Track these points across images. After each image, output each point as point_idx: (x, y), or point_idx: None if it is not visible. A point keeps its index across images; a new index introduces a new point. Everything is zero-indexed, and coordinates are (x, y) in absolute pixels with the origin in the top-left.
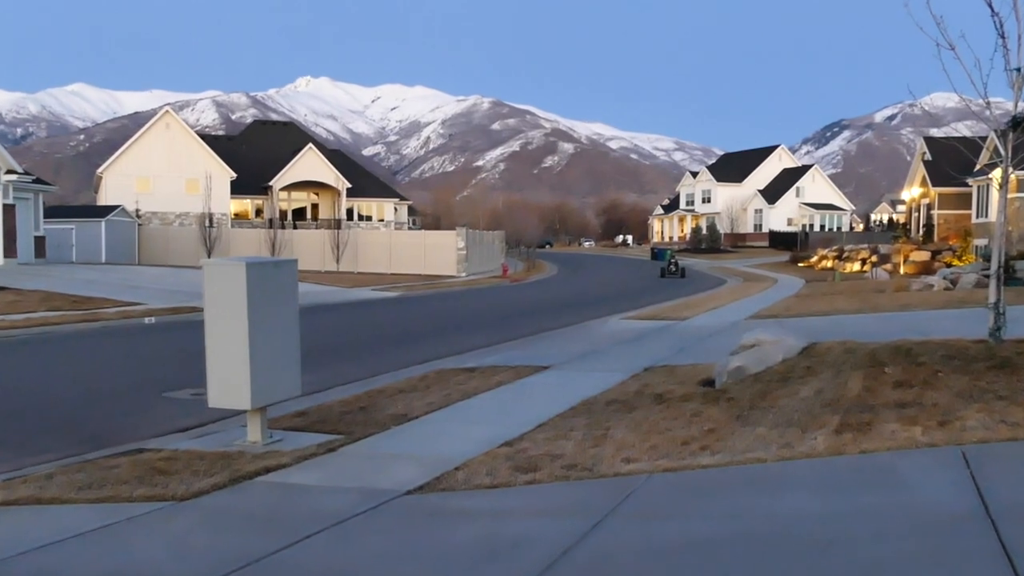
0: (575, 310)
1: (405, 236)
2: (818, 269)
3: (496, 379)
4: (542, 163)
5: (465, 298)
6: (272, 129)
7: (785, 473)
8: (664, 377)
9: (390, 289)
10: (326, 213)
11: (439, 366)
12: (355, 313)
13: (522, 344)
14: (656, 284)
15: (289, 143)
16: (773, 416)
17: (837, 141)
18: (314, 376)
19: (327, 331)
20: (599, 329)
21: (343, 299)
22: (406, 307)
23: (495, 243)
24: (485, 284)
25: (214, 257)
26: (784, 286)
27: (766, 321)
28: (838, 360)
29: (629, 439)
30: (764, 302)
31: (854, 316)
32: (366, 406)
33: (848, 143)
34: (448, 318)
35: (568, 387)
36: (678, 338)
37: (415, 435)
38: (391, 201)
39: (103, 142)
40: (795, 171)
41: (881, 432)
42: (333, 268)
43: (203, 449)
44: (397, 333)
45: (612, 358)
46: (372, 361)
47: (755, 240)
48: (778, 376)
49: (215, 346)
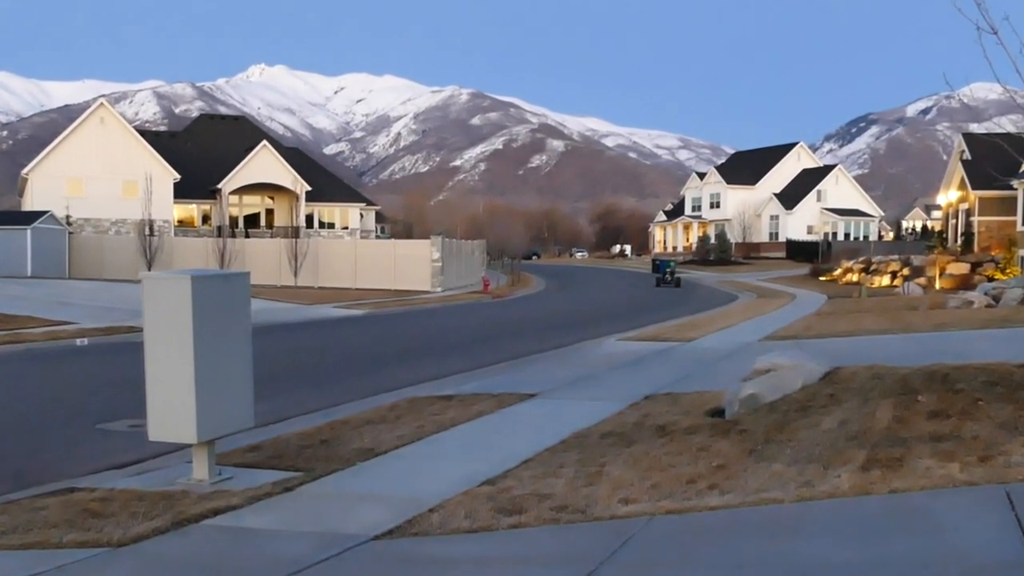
0: (566, 330)
1: (372, 246)
2: (842, 283)
3: (476, 408)
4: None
5: (441, 316)
6: (221, 124)
7: (805, 516)
8: (667, 406)
9: (355, 306)
10: (282, 220)
11: (411, 394)
12: (316, 333)
13: (506, 369)
14: (657, 301)
15: (240, 140)
16: (791, 451)
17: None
18: (269, 405)
19: (284, 354)
20: (593, 352)
21: (302, 317)
22: (374, 327)
23: (475, 254)
24: (464, 300)
25: (155, 270)
26: (803, 303)
27: (783, 343)
28: (865, 387)
29: (627, 477)
30: (781, 321)
31: (883, 337)
32: (328, 439)
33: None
34: (422, 339)
35: (558, 418)
36: (683, 362)
37: (384, 472)
38: (356, 206)
39: (29, 139)
40: (816, 172)
41: (914, 469)
42: (290, 282)
43: (142, 488)
44: (364, 356)
45: (608, 385)
46: (335, 388)
47: (770, 250)
48: (797, 405)
49: (156, 371)
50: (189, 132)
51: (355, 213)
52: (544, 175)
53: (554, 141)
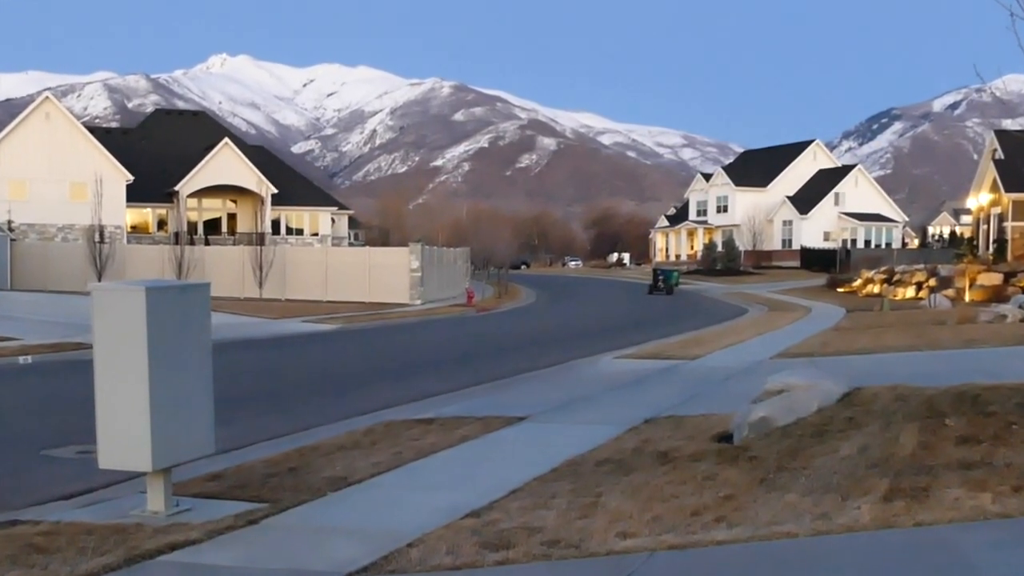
0: (558, 347)
1: (345, 255)
2: (862, 295)
3: (459, 433)
4: (516, 162)
5: (421, 332)
6: (179, 120)
7: (821, 551)
8: (669, 431)
9: (326, 321)
10: (246, 225)
11: (388, 417)
12: (283, 351)
13: (492, 390)
14: (659, 314)
15: (200, 138)
16: (806, 480)
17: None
18: (232, 430)
19: (248, 373)
20: (588, 371)
21: (268, 333)
22: (347, 343)
23: (458, 263)
24: (445, 314)
25: (106, 281)
26: (820, 316)
27: (797, 361)
28: (887, 409)
29: (625, 508)
30: (794, 337)
31: (907, 354)
32: (297, 467)
33: (900, 138)
34: (399, 357)
35: (549, 443)
36: (687, 382)
37: (358, 503)
38: (327, 210)
39: None
40: (833, 173)
41: (941, 500)
42: (255, 294)
43: (92, 521)
44: (336, 376)
45: (604, 407)
46: (304, 411)
47: (783, 259)
48: (812, 429)
49: (107, 392)
50: (143, 129)
51: (326, 218)
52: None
53: (545, 139)
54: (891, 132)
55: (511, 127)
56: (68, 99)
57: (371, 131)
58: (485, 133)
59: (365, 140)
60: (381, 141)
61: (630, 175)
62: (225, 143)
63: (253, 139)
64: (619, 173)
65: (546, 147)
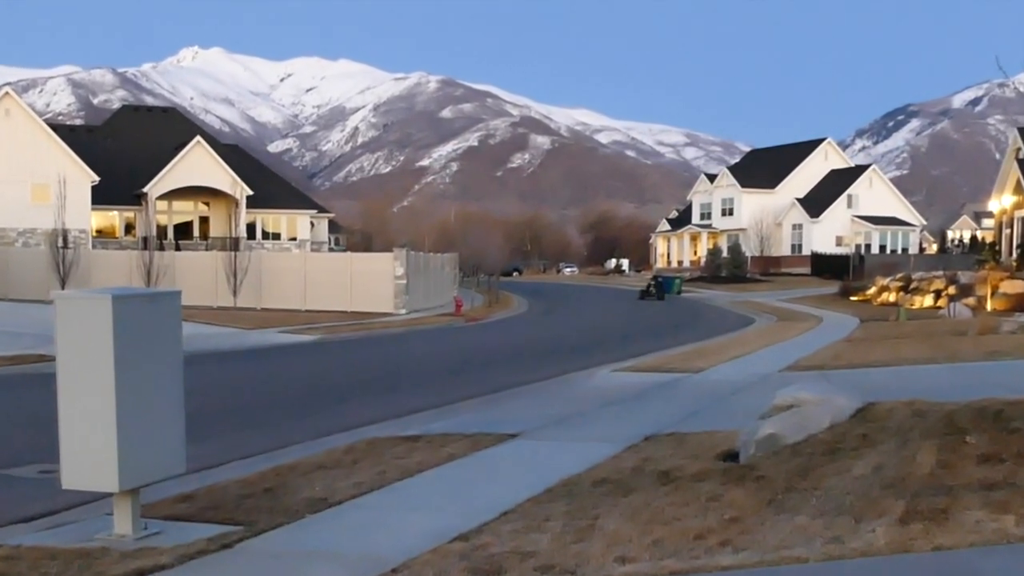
0: (552, 359)
1: (325, 261)
2: (877, 304)
3: (447, 451)
4: (508, 162)
5: (406, 343)
6: (147, 117)
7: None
8: (671, 449)
9: (305, 331)
10: (220, 229)
11: (371, 434)
12: (259, 363)
13: (482, 405)
14: (660, 324)
15: (170, 136)
16: (817, 501)
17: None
18: (204, 447)
19: (222, 388)
20: (584, 385)
21: (243, 345)
22: (327, 355)
23: (445, 270)
24: (432, 324)
25: (69, 288)
26: (832, 327)
27: (808, 374)
28: (904, 426)
29: (624, 531)
30: (805, 348)
31: (925, 367)
32: (273, 487)
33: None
34: (383, 370)
35: (543, 462)
36: (690, 397)
37: (339, 526)
38: (306, 213)
39: None
40: (846, 173)
41: (961, 522)
42: (229, 303)
43: (55, 545)
44: (315, 390)
45: (602, 423)
46: (281, 427)
47: (793, 265)
48: (824, 447)
49: (71, 408)
50: (110, 126)
51: (305, 222)
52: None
53: (538, 137)
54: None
55: (502, 124)
56: (29, 94)
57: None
58: (474, 131)
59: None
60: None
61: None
62: (197, 142)
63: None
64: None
65: (539, 146)
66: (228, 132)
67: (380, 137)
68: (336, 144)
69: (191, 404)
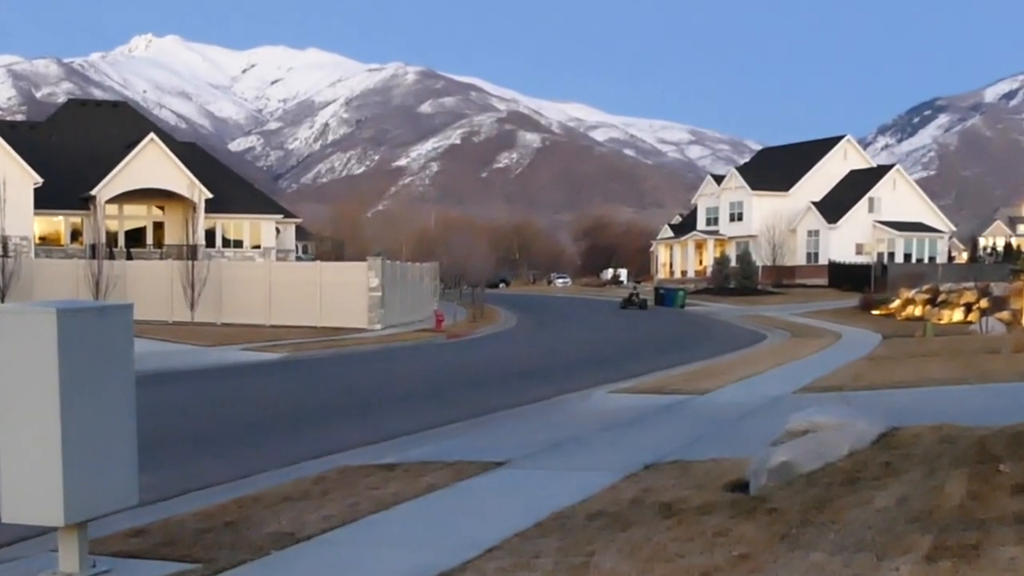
0: (543, 379)
1: (292, 271)
2: (901, 318)
3: (426, 481)
4: (494, 162)
5: (381, 361)
6: (96, 112)
7: None
8: (674, 478)
9: (270, 348)
10: (175, 236)
11: (343, 461)
12: (219, 384)
13: (465, 430)
14: (662, 341)
15: (121, 133)
16: (835, 536)
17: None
18: (159, 477)
19: (178, 411)
20: (578, 408)
21: (201, 363)
22: (294, 375)
23: (424, 281)
24: (410, 341)
25: (10, 302)
26: (851, 344)
27: (825, 396)
28: (931, 453)
29: (622, 570)
30: (822, 367)
31: (954, 388)
32: (235, 520)
33: (945, 133)
34: (356, 391)
35: (532, 493)
36: (694, 421)
37: (307, 563)
38: (271, 218)
39: None
40: (867, 174)
41: (994, 559)
42: (186, 317)
43: None
44: (281, 413)
45: (598, 450)
46: (244, 454)
47: (808, 275)
48: (843, 477)
49: (11, 433)
50: (54, 123)
51: (269, 228)
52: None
53: (527, 134)
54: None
55: (487, 120)
56: None
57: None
58: (457, 127)
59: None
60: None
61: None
62: (150, 139)
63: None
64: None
65: (529, 144)
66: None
67: (353, 134)
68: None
69: (145, 429)
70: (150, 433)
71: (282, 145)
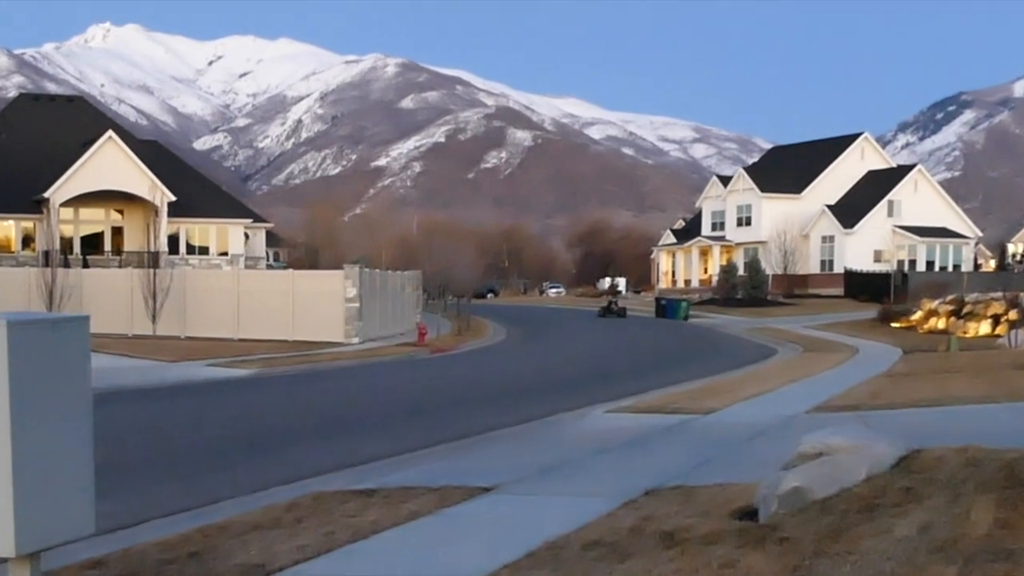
0: (535, 397)
1: (263, 280)
2: (923, 332)
3: (408, 508)
4: (481, 162)
5: (359, 378)
6: (49, 108)
7: None
8: (676, 505)
9: (239, 364)
10: (136, 242)
11: (317, 487)
12: (183, 403)
13: (450, 452)
14: (665, 356)
15: (77, 130)
16: (852, 568)
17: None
18: (118, 503)
19: (139, 432)
20: (573, 428)
21: (164, 380)
22: (265, 393)
23: (406, 290)
24: (391, 356)
25: None
26: (869, 359)
27: (840, 415)
28: (955, 478)
29: None
30: (837, 385)
31: (981, 407)
32: (200, 551)
33: (971, 130)
34: (332, 410)
35: (523, 521)
36: (699, 442)
37: None
38: (239, 223)
39: None
40: (887, 175)
41: None
42: (147, 330)
43: None
44: (250, 434)
45: (594, 475)
46: (210, 479)
47: (822, 285)
48: (860, 504)
49: None
50: (4, 119)
51: (238, 233)
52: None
53: (517, 131)
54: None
55: (474, 117)
56: None
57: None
58: (441, 124)
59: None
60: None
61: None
62: (109, 137)
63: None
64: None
65: (519, 142)
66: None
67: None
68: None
69: (102, 452)
70: (108, 456)
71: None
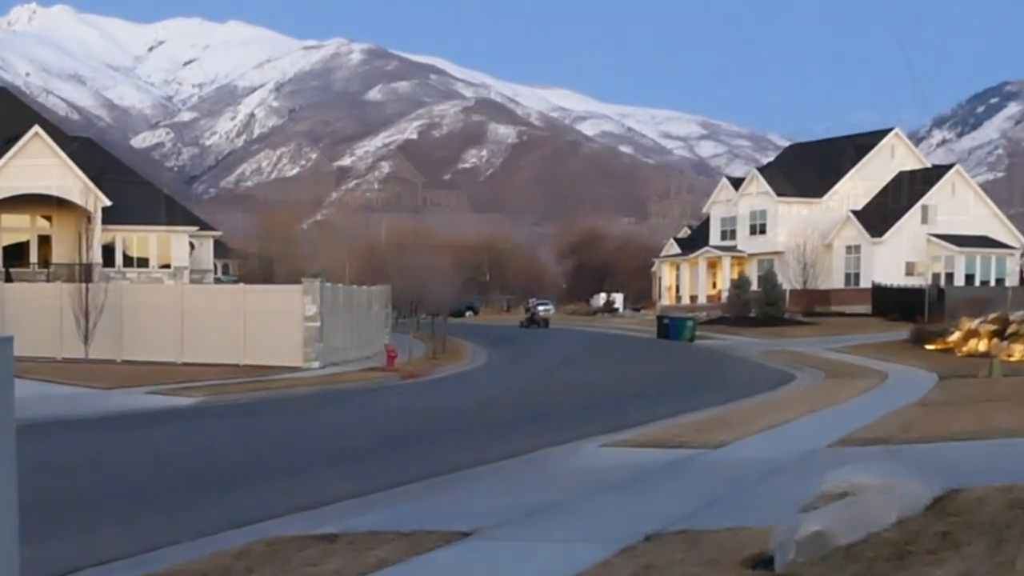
0: (520, 429)
1: (211, 296)
2: (962, 355)
3: (375, 555)
4: (459, 161)
5: (320, 407)
6: None
7: None
8: (682, 552)
9: (183, 391)
10: (66, 253)
11: (272, 531)
12: (120, 435)
13: (424, 492)
14: (668, 382)
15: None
16: None
17: (996, 121)
18: (46, 549)
19: (70, 469)
20: (563, 465)
21: (98, 410)
22: (213, 424)
23: (374, 308)
24: (356, 382)
25: None
26: (900, 385)
27: (867, 450)
28: (998, 521)
29: None
30: (864, 415)
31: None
32: None
33: (1016, 126)
34: (289, 444)
35: (506, 571)
36: (707, 480)
37: None
38: (184, 231)
39: None
40: (920, 177)
41: None
42: (79, 353)
43: None
44: (197, 470)
45: (587, 517)
46: (151, 522)
47: (847, 301)
48: (890, 550)
49: None
50: None
51: (182, 242)
52: (484, 181)
53: (500, 127)
54: (1003, 117)
55: (451, 110)
56: None
57: (247, 116)
58: (413, 119)
59: (238, 129)
60: (262, 130)
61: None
62: (35, 134)
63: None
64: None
65: (502, 139)
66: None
67: (284, 127)
68: (224, 137)
69: (28, 491)
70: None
71: (197, 140)
